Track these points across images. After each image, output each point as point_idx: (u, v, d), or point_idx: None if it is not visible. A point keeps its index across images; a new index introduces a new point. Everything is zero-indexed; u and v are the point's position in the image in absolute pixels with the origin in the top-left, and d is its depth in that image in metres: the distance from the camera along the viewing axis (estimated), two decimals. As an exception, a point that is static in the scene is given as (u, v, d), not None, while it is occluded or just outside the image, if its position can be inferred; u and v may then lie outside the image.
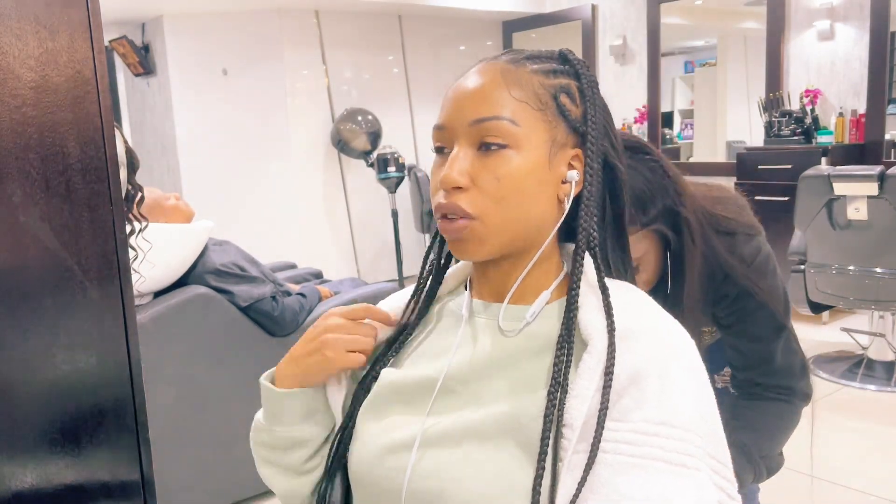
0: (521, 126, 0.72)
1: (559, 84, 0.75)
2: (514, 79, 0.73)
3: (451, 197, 0.72)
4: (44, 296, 0.67)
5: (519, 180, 0.72)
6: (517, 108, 0.72)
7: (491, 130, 0.72)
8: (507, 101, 0.72)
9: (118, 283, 0.71)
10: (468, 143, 0.73)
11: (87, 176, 0.68)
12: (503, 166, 0.71)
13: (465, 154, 0.73)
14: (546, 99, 0.74)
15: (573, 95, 0.76)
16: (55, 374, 0.68)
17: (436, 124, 0.76)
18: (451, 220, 0.73)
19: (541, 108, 0.73)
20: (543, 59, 0.77)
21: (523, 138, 0.72)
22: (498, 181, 0.71)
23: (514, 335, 0.75)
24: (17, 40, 0.64)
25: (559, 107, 0.74)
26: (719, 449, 0.69)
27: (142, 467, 0.75)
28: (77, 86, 0.67)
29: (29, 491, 0.67)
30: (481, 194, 0.72)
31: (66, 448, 0.70)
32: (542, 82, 0.74)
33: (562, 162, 0.75)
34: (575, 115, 0.75)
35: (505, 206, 0.72)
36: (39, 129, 0.65)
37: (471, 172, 0.72)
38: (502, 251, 0.75)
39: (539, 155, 0.73)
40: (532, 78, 0.74)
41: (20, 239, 0.65)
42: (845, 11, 4.21)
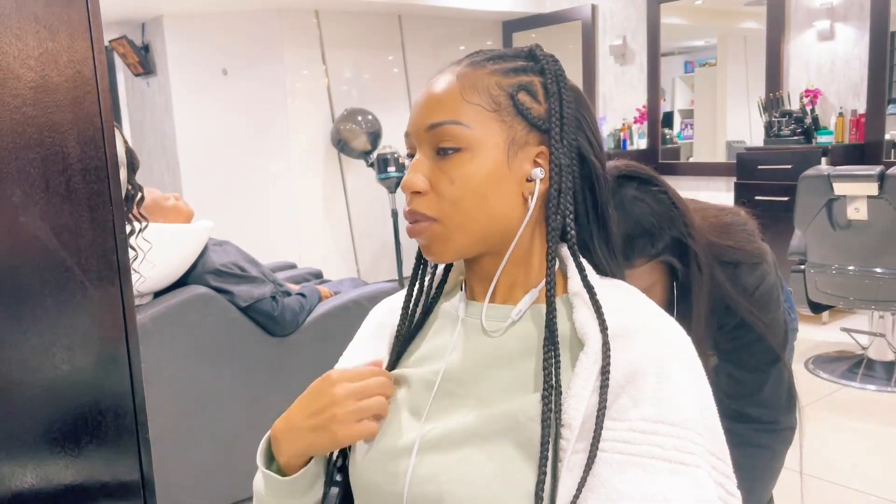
0: (473, 129, 0.72)
1: (518, 82, 0.75)
2: (470, 82, 0.74)
3: (411, 203, 0.75)
4: (44, 296, 0.67)
5: (474, 182, 0.72)
6: (469, 111, 0.73)
7: (444, 135, 0.73)
8: (459, 106, 0.73)
9: (118, 283, 0.71)
10: (427, 148, 0.75)
11: (87, 176, 0.68)
12: (457, 169, 0.73)
13: (424, 159, 0.75)
14: (501, 99, 0.74)
15: (535, 92, 0.75)
16: (55, 374, 0.68)
17: (405, 131, 0.78)
18: (415, 223, 0.75)
19: (495, 109, 0.73)
20: (507, 58, 0.77)
21: (476, 141, 0.72)
22: (452, 184, 0.73)
23: (498, 335, 0.75)
24: (17, 40, 0.63)
25: (517, 106, 0.74)
26: (718, 445, 0.69)
27: (142, 467, 0.75)
28: (77, 86, 0.67)
29: (29, 491, 0.67)
30: (438, 197, 0.74)
31: (66, 448, 0.70)
32: (499, 82, 0.74)
33: (524, 160, 0.74)
34: (537, 113, 0.74)
35: (462, 207, 0.73)
36: (39, 129, 0.65)
37: (429, 177, 0.74)
38: (472, 250, 0.75)
39: (495, 155, 0.73)
40: (489, 79, 0.74)
41: (20, 239, 0.65)
42: (845, 11, 4.21)
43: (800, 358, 3.62)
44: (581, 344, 0.70)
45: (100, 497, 0.72)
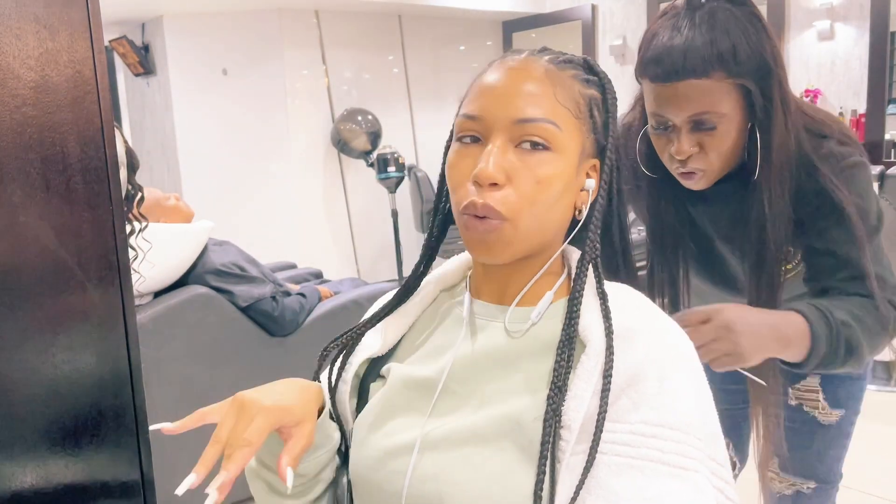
0: (563, 131, 0.72)
1: (592, 94, 0.76)
2: (560, 81, 0.73)
3: (484, 194, 0.69)
4: (44, 296, 0.67)
5: (554, 184, 0.71)
6: (561, 112, 0.72)
7: (537, 131, 0.70)
8: (554, 106, 0.72)
9: (118, 283, 0.71)
10: (507, 139, 0.71)
11: (87, 176, 0.68)
12: (543, 168, 0.70)
13: (504, 149, 0.70)
14: (583, 108, 0.74)
15: (600, 107, 0.77)
16: (55, 374, 0.68)
17: (468, 113, 0.73)
18: (480, 219, 0.70)
19: (579, 115, 0.74)
20: (575, 64, 0.77)
21: (563, 143, 0.72)
22: (537, 183, 0.70)
23: (519, 336, 0.75)
24: (17, 40, 0.63)
25: (592, 117, 0.75)
26: (718, 450, 0.69)
27: (142, 467, 0.75)
28: (77, 86, 0.67)
29: (29, 491, 0.67)
30: (516, 194, 0.70)
31: (66, 448, 0.70)
32: (581, 91, 0.75)
33: (584, 170, 0.76)
34: (599, 126, 0.76)
35: (538, 209, 0.71)
36: (39, 129, 0.65)
37: (508, 169, 0.70)
38: (523, 255, 0.74)
39: (571, 161, 0.73)
40: (573, 84, 0.74)
41: (20, 239, 0.65)
42: (845, 11, 4.21)
43: (800, 358, 3.62)
44: (583, 345, 0.70)
45: (100, 497, 0.72)
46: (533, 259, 0.76)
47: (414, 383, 0.77)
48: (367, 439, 0.77)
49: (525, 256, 0.75)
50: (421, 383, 0.77)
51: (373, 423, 0.77)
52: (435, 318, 0.84)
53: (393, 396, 0.77)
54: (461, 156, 0.73)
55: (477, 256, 0.74)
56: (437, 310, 0.84)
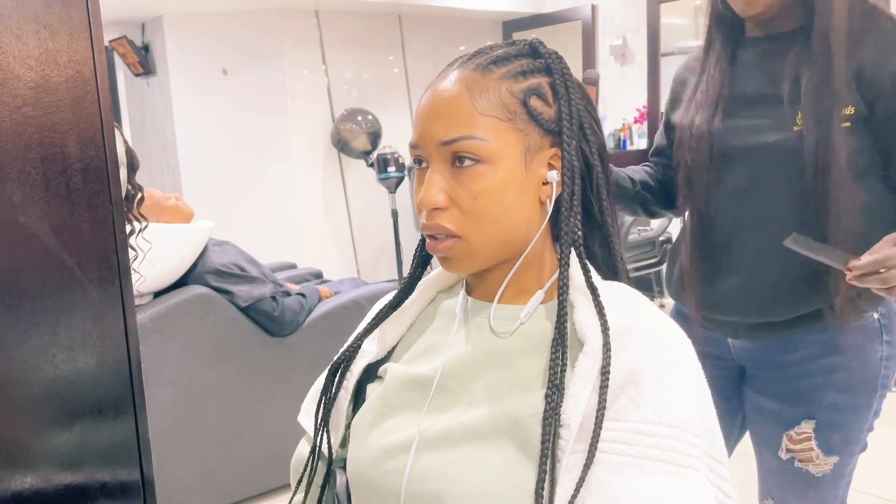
0: (491, 140, 0.71)
1: (528, 86, 0.73)
2: (480, 90, 0.72)
3: (433, 218, 0.72)
4: (44, 296, 0.67)
5: (496, 195, 0.71)
6: (485, 123, 0.71)
7: (461, 149, 0.71)
8: (473, 118, 0.71)
9: (118, 283, 0.71)
10: (441, 161, 0.73)
11: (87, 176, 0.68)
12: (478, 183, 0.71)
13: (440, 173, 0.72)
14: (514, 107, 0.72)
15: (545, 95, 0.74)
16: (55, 374, 0.68)
17: (410, 141, 0.76)
18: (437, 240, 0.73)
19: (509, 118, 0.72)
20: (512, 57, 0.75)
21: (494, 152, 0.71)
22: (475, 199, 0.71)
23: (507, 336, 0.75)
24: (17, 40, 0.63)
25: (529, 112, 0.73)
26: (716, 448, 0.69)
27: (142, 467, 0.75)
28: (77, 86, 0.67)
29: (29, 491, 0.67)
30: (461, 213, 0.72)
31: (66, 448, 0.70)
32: (510, 89, 0.73)
33: (540, 164, 0.74)
34: (548, 116, 0.74)
35: (486, 221, 0.72)
36: (39, 129, 0.65)
37: (447, 191, 0.72)
38: (493, 261, 0.75)
39: (513, 165, 0.72)
40: (499, 85, 0.73)
41: (20, 239, 0.65)
42: (845, 11, 4.21)
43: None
44: (580, 344, 0.70)
45: (100, 497, 0.72)
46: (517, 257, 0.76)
47: (411, 382, 0.77)
48: (366, 438, 0.77)
49: (502, 260, 0.76)
50: (418, 381, 0.77)
51: (371, 423, 0.77)
52: (432, 318, 0.84)
53: (390, 395, 0.78)
54: (417, 181, 0.76)
55: (447, 270, 0.77)
56: (434, 310, 0.85)
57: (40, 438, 0.69)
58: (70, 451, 0.70)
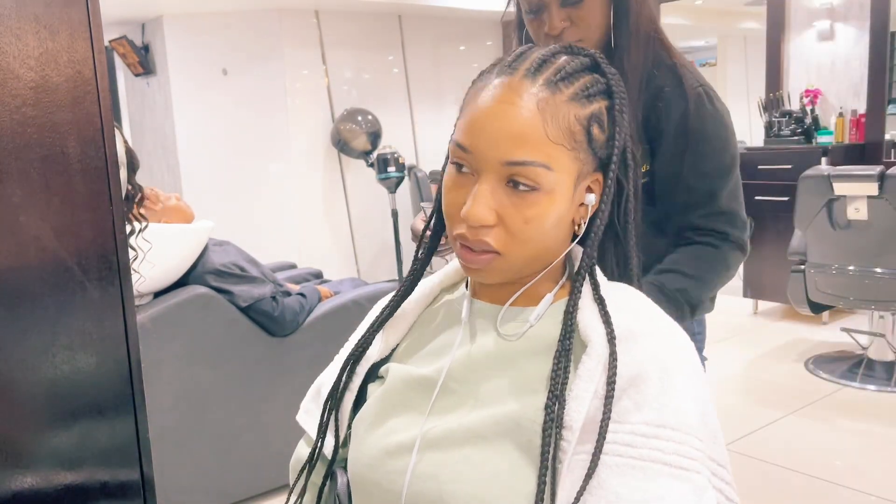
0: (555, 171, 0.69)
1: (592, 113, 0.71)
2: (551, 114, 0.69)
3: (477, 234, 0.70)
4: (44, 296, 0.67)
5: (546, 221, 0.70)
6: (553, 151, 0.69)
7: (526, 174, 0.68)
8: (545, 145, 0.68)
9: (118, 283, 0.71)
10: (496, 177, 0.69)
11: (87, 176, 0.68)
12: (532, 209, 0.69)
13: (492, 189, 0.69)
14: (580, 137, 0.70)
15: (603, 122, 0.73)
16: (55, 374, 0.68)
17: (459, 142, 0.71)
18: (473, 252, 0.71)
19: (574, 147, 0.70)
20: (577, 73, 0.72)
21: (555, 182, 0.69)
22: (525, 223, 0.69)
23: (515, 339, 0.75)
24: (17, 40, 0.63)
25: (589, 140, 0.71)
26: (719, 451, 0.69)
27: (142, 467, 0.75)
28: (77, 86, 0.67)
29: (29, 491, 0.67)
30: (507, 233, 0.70)
31: (66, 448, 0.70)
32: (578, 115, 0.70)
33: (583, 188, 0.74)
34: (601, 143, 0.73)
35: (530, 245, 0.71)
36: (39, 129, 0.65)
37: (498, 210, 0.69)
38: (520, 275, 0.75)
39: (567, 193, 0.71)
40: (567, 110, 0.70)
41: (20, 239, 0.65)
42: (845, 11, 4.21)
43: (800, 358, 3.63)
44: (584, 345, 0.70)
45: (100, 497, 0.72)
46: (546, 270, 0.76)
47: (414, 382, 0.77)
48: (367, 438, 0.77)
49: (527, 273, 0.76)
50: (420, 382, 0.77)
51: (372, 423, 0.77)
52: (435, 317, 0.84)
53: (392, 395, 0.77)
54: (454, 183, 0.72)
55: (473, 278, 0.77)
56: (438, 310, 0.84)
57: (40, 438, 0.69)
58: (70, 451, 0.70)
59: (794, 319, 4.27)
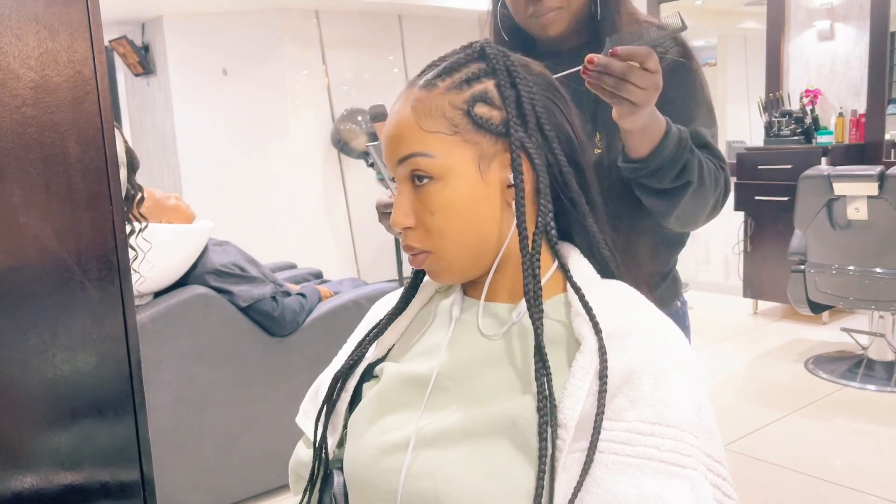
0: (439, 157, 0.72)
1: (471, 94, 0.73)
2: (424, 109, 0.73)
3: (405, 238, 0.76)
4: (44, 296, 0.67)
5: (452, 210, 0.73)
6: (430, 140, 0.73)
7: (413, 166, 0.73)
8: (418, 137, 0.73)
9: (118, 283, 0.71)
10: (404, 180, 0.75)
11: (87, 176, 0.68)
12: (433, 200, 0.73)
13: (405, 193, 0.75)
14: (458, 119, 0.73)
15: (491, 99, 0.74)
16: (55, 374, 0.68)
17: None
18: (413, 256, 0.76)
19: (455, 131, 0.73)
20: (459, 66, 0.75)
21: (444, 168, 0.72)
22: (433, 215, 0.73)
23: (497, 338, 0.75)
24: (17, 40, 0.63)
25: (475, 121, 0.73)
26: (714, 447, 0.69)
27: (142, 467, 0.75)
28: (77, 86, 0.67)
29: (29, 491, 0.67)
30: (425, 230, 0.74)
31: (66, 448, 0.70)
32: (452, 101, 0.73)
33: (499, 168, 0.74)
34: (498, 119, 0.74)
35: (450, 235, 0.73)
36: (39, 129, 0.65)
37: (413, 210, 0.75)
38: (475, 269, 0.76)
39: (467, 178, 0.73)
40: (441, 101, 0.73)
41: (20, 239, 0.65)
42: (845, 11, 4.21)
43: (800, 358, 3.63)
44: (578, 343, 0.70)
45: (100, 497, 0.72)
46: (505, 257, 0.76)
47: (408, 380, 0.77)
48: (362, 437, 0.77)
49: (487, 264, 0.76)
50: (415, 380, 0.77)
51: (367, 421, 0.77)
52: (429, 318, 0.84)
53: (387, 394, 0.78)
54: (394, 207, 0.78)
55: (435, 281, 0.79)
56: (432, 310, 0.85)
57: (40, 438, 0.69)
58: (70, 451, 0.70)
59: (794, 319, 4.27)
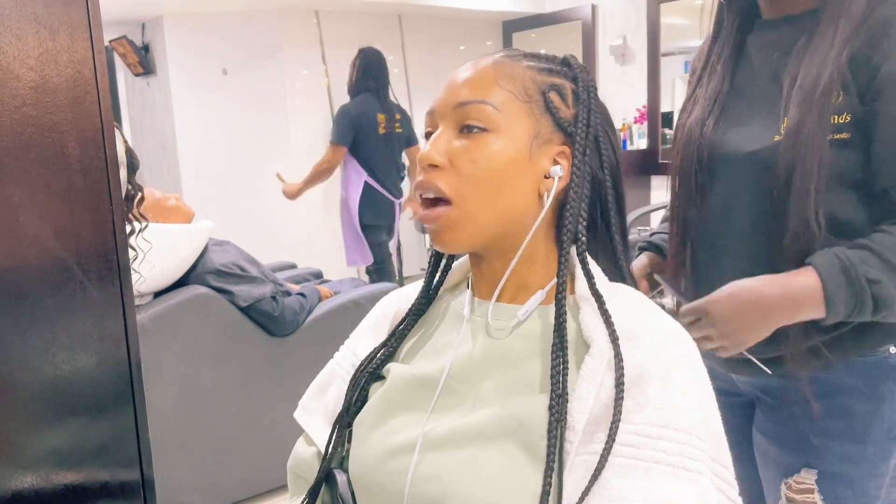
0: (503, 112, 0.73)
1: (551, 82, 0.76)
2: (506, 70, 0.75)
3: (428, 174, 0.73)
4: (44, 296, 0.67)
5: (496, 165, 0.72)
6: (502, 95, 0.73)
7: (473, 113, 0.73)
8: (493, 89, 0.73)
9: (118, 283, 0.71)
10: (451, 125, 0.74)
11: (87, 176, 0.68)
12: (481, 149, 0.72)
13: (446, 135, 0.74)
14: (533, 93, 0.74)
15: (565, 95, 0.76)
16: (55, 374, 0.68)
17: (428, 110, 0.77)
18: (428, 207, 0.74)
19: (527, 100, 0.74)
20: (543, 59, 0.78)
21: (504, 124, 0.73)
22: (474, 163, 0.72)
23: (504, 336, 0.75)
24: (17, 40, 0.63)
25: (547, 102, 0.75)
26: (721, 450, 0.69)
27: (142, 467, 0.75)
28: (77, 86, 0.67)
29: (29, 491, 0.67)
30: (458, 176, 0.72)
31: (66, 448, 0.70)
32: (534, 77, 0.75)
33: (545, 156, 0.74)
34: (565, 115, 0.75)
35: (481, 189, 0.72)
36: (39, 129, 0.65)
37: (449, 152, 0.73)
38: (483, 242, 0.75)
39: (519, 145, 0.73)
40: (524, 72, 0.75)
41: (20, 239, 0.65)
42: (845, 11, 4.20)
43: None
44: (586, 346, 0.70)
45: (100, 497, 0.72)
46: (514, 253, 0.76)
47: (415, 382, 0.77)
48: (368, 438, 0.76)
49: (494, 247, 0.75)
50: (422, 382, 0.76)
51: (373, 423, 0.77)
52: (437, 318, 0.84)
53: (393, 395, 0.77)
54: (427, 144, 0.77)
55: (436, 246, 0.77)
56: (439, 310, 0.85)
57: (40, 438, 0.69)
58: (70, 451, 0.70)
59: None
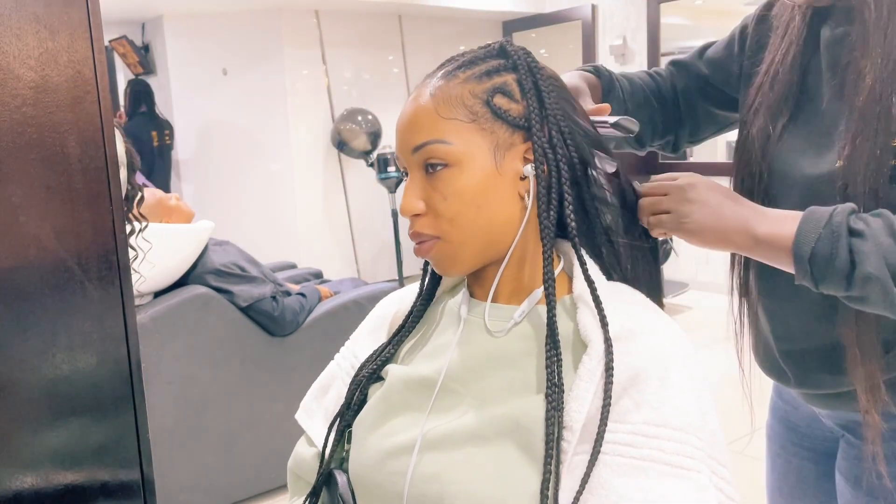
0: (456, 143, 0.73)
1: (492, 86, 0.75)
2: (443, 98, 0.74)
3: (413, 225, 0.76)
4: (44, 296, 0.67)
5: (467, 195, 0.73)
6: (448, 126, 0.73)
7: (428, 154, 0.74)
8: (437, 124, 0.73)
9: (118, 283, 0.71)
10: (416, 168, 0.76)
11: (87, 176, 0.68)
12: (448, 186, 0.73)
13: (416, 180, 0.76)
14: (477, 108, 0.74)
15: (511, 92, 0.75)
16: (55, 374, 0.68)
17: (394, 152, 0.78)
18: (420, 244, 0.76)
19: (472, 119, 0.74)
20: (479, 61, 0.77)
21: (460, 153, 0.73)
22: (446, 200, 0.73)
23: (502, 335, 0.75)
24: (17, 40, 0.63)
25: (494, 110, 0.74)
26: (719, 449, 0.69)
27: (142, 467, 0.75)
28: (77, 86, 0.67)
29: (29, 491, 0.67)
30: (436, 216, 0.74)
31: (66, 448, 0.70)
32: (472, 90, 0.74)
33: (514, 160, 0.75)
34: (516, 112, 0.75)
35: (461, 222, 0.73)
36: (39, 129, 0.65)
37: (423, 197, 0.75)
38: (480, 260, 0.76)
39: (483, 164, 0.73)
40: (461, 90, 0.74)
41: (20, 239, 0.65)
42: (845, 11, 4.21)
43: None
44: (584, 346, 0.70)
45: (100, 497, 0.72)
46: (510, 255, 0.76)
47: (413, 383, 0.77)
48: (367, 439, 0.77)
49: (493, 258, 0.76)
50: (420, 382, 0.77)
51: (372, 424, 0.77)
52: (435, 319, 0.84)
53: (392, 396, 0.78)
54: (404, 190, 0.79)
55: (439, 273, 0.79)
56: (437, 311, 0.85)
57: (40, 438, 0.69)
58: (70, 451, 0.70)
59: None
